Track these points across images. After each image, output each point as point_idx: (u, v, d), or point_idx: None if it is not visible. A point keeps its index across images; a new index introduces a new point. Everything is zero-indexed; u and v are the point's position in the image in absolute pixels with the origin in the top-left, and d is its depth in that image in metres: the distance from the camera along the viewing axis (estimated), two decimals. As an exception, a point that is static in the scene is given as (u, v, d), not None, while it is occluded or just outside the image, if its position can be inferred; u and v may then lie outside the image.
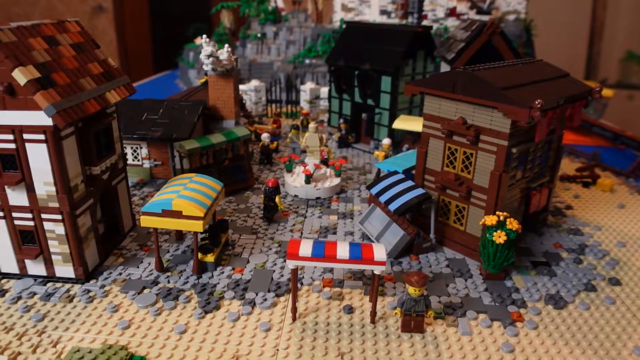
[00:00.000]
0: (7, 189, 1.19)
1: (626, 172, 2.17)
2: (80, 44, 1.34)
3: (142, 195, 1.87)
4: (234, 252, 1.46)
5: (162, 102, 2.09)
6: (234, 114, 2.17)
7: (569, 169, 2.23)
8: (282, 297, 1.24)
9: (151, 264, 1.37)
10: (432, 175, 1.49)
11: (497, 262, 1.28)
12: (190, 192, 1.31)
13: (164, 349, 1.05)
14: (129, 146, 1.98)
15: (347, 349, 1.06)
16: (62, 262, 1.26)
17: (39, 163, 1.16)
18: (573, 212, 1.77)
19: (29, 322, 1.13)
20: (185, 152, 1.78)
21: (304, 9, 4.19)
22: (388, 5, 3.99)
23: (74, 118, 1.14)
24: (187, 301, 1.21)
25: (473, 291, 1.27)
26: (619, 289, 1.30)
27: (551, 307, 1.21)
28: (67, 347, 1.05)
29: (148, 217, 1.28)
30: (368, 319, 1.15)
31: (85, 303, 1.20)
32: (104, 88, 1.31)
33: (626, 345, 1.09)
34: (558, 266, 1.40)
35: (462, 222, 1.44)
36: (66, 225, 1.22)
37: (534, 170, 1.46)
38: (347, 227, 1.63)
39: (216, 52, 2.03)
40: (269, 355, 1.04)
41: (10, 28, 1.13)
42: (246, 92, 3.00)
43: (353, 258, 1.07)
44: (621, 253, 1.49)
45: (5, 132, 1.14)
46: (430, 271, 1.37)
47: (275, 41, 3.91)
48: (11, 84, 1.09)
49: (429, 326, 1.13)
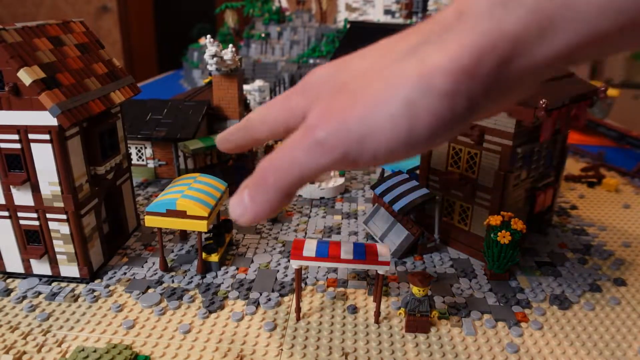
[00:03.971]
0: (13, 189, 1.20)
1: (631, 172, 2.16)
2: (85, 44, 1.34)
3: (146, 195, 1.87)
4: (238, 252, 1.46)
5: (166, 102, 2.09)
6: (238, 113, 2.18)
7: (574, 168, 2.22)
8: (286, 297, 1.24)
9: (155, 264, 1.38)
10: (436, 175, 1.49)
11: (502, 262, 1.27)
12: (195, 192, 1.31)
13: (168, 349, 1.05)
14: (134, 146, 1.98)
15: (351, 348, 1.06)
16: (67, 261, 1.27)
17: (44, 163, 1.17)
18: (578, 212, 1.76)
19: (34, 321, 1.13)
20: (189, 152, 1.78)
21: (308, 8, 4.19)
22: (392, 5, 3.98)
23: (78, 118, 1.14)
24: (191, 301, 1.22)
25: (477, 291, 1.27)
26: (624, 289, 1.30)
27: (556, 307, 1.21)
28: (71, 346, 1.06)
29: (152, 217, 1.28)
30: (372, 319, 1.15)
31: (90, 302, 1.21)
32: (108, 88, 1.31)
33: (632, 346, 1.08)
34: (563, 266, 1.39)
35: (467, 222, 1.44)
36: (71, 225, 1.22)
37: (539, 170, 1.46)
38: (351, 227, 1.63)
39: (220, 52, 2.03)
40: (273, 354, 1.04)
41: (16, 28, 1.13)
42: (250, 92, 3.01)
43: (357, 258, 1.07)
44: (626, 253, 1.48)
45: (11, 132, 1.15)
46: (435, 271, 1.36)
47: (279, 41, 3.91)
48: (16, 84, 1.09)
49: (433, 326, 1.13)
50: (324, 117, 0.44)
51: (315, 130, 0.44)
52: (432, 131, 0.40)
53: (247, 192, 0.48)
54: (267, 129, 0.55)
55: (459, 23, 0.40)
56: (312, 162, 0.44)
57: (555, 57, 0.38)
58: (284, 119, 0.53)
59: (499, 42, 0.37)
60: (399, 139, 0.41)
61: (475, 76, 0.38)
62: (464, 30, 0.39)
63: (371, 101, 0.41)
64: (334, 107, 0.44)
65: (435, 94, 0.39)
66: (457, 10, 0.40)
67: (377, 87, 0.42)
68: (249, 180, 0.49)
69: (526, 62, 0.38)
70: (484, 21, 0.38)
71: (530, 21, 0.37)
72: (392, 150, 0.42)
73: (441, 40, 0.40)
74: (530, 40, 0.37)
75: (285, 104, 0.53)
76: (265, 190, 0.47)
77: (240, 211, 0.48)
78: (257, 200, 0.48)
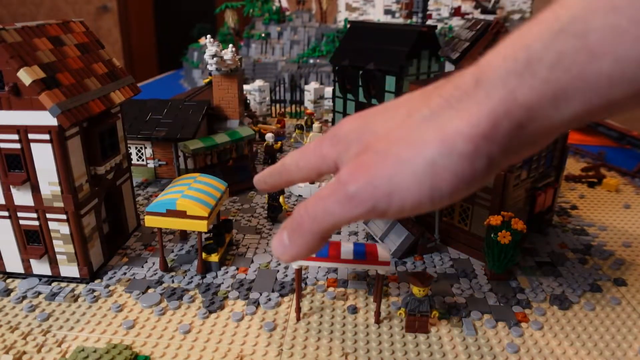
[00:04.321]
0: (13, 189, 1.20)
1: (632, 171, 2.16)
2: (85, 44, 1.34)
3: (146, 195, 1.87)
4: (238, 252, 1.46)
5: (166, 102, 2.09)
6: (238, 114, 2.18)
7: (574, 168, 2.22)
8: (286, 297, 1.24)
9: (155, 264, 1.38)
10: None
11: (502, 263, 1.27)
12: (195, 192, 1.31)
13: (168, 349, 1.05)
14: (134, 146, 1.98)
15: (352, 349, 1.06)
16: (66, 261, 1.26)
17: (44, 163, 1.17)
18: (578, 212, 1.76)
19: (34, 321, 1.13)
20: (189, 152, 1.78)
21: (308, 8, 4.19)
22: (392, 5, 3.98)
23: (78, 118, 1.14)
24: (191, 301, 1.22)
25: (477, 291, 1.27)
26: (624, 289, 1.30)
27: (556, 307, 1.21)
28: (71, 346, 1.06)
29: (152, 217, 1.28)
30: (372, 319, 1.15)
31: (90, 303, 1.21)
32: (108, 88, 1.31)
33: (632, 346, 1.08)
34: (563, 266, 1.39)
35: (467, 222, 1.44)
36: (71, 225, 1.22)
37: (539, 170, 1.46)
38: (351, 227, 1.63)
39: (220, 52, 2.03)
40: (273, 355, 1.04)
41: (16, 28, 1.13)
42: (250, 92, 3.01)
43: (357, 258, 1.07)
44: (626, 253, 1.48)
45: (11, 132, 1.15)
46: (435, 271, 1.36)
47: (280, 41, 3.91)
48: (16, 84, 1.09)
49: (434, 326, 1.13)
50: (355, 174, 0.49)
51: (347, 185, 0.48)
52: (453, 188, 0.44)
53: (286, 234, 0.55)
54: (301, 173, 0.63)
55: (476, 90, 0.43)
56: (344, 213, 0.49)
57: (568, 122, 0.41)
58: (316, 165, 0.59)
59: (513, 109, 0.41)
60: (423, 195, 0.45)
61: (493, 140, 0.42)
62: (480, 97, 0.42)
63: (397, 161, 0.46)
64: (362, 165, 0.49)
65: (456, 156, 0.43)
66: (474, 77, 0.44)
67: (402, 148, 0.46)
68: (287, 222, 0.56)
69: (539, 127, 0.41)
70: (499, 90, 0.41)
71: (543, 92, 0.39)
72: (417, 204, 0.46)
73: (460, 106, 0.44)
74: (543, 108, 0.40)
75: (317, 152, 0.59)
76: (302, 234, 0.54)
77: (282, 250, 0.56)
78: (295, 242, 0.55)
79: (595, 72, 0.37)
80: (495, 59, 0.43)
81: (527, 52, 0.40)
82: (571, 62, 0.37)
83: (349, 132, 0.55)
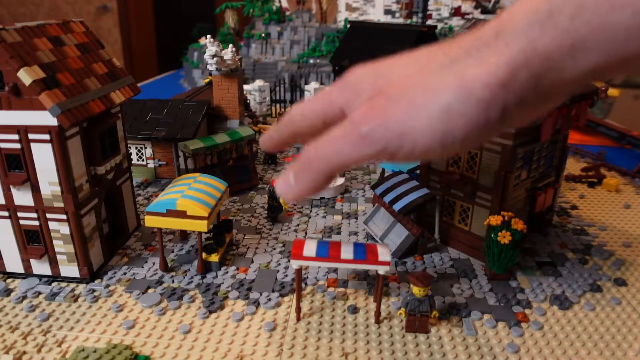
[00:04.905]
0: (13, 189, 1.20)
1: (632, 172, 2.16)
2: (85, 44, 1.34)
3: (146, 195, 1.87)
4: (238, 252, 1.46)
5: (166, 102, 2.09)
6: (238, 113, 2.18)
7: (574, 168, 2.22)
8: (286, 297, 1.24)
9: (156, 264, 1.38)
10: (436, 175, 1.49)
11: (502, 263, 1.27)
12: (195, 192, 1.31)
13: (169, 349, 1.05)
14: (134, 146, 1.98)
15: (352, 349, 1.06)
16: (67, 261, 1.26)
17: (44, 163, 1.17)
18: (578, 212, 1.76)
19: (34, 321, 1.13)
20: (189, 152, 1.78)
21: (308, 8, 4.19)
22: (392, 5, 3.98)
23: (78, 118, 1.14)
24: (191, 301, 1.22)
25: (478, 291, 1.27)
26: (624, 289, 1.30)
27: (556, 307, 1.21)
28: (72, 346, 1.06)
29: (152, 217, 1.28)
30: (372, 319, 1.15)
31: (90, 303, 1.21)
32: (108, 88, 1.31)
33: (632, 347, 1.08)
34: (563, 266, 1.39)
35: (467, 222, 1.44)
36: (71, 225, 1.22)
37: (539, 170, 1.46)
38: (352, 227, 1.63)
39: (220, 52, 2.03)
40: (274, 355, 1.04)
41: (16, 28, 1.13)
42: (250, 92, 3.00)
43: (357, 258, 1.07)
44: (626, 253, 1.48)
45: (11, 132, 1.15)
46: (435, 271, 1.36)
47: (280, 41, 3.91)
48: (16, 84, 1.09)
49: (434, 326, 1.13)
50: (368, 115, 0.49)
51: (360, 125, 0.49)
52: (466, 135, 0.45)
53: (292, 174, 0.55)
54: (307, 122, 0.61)
55: (497, 41, 0.44)
56: (355, 153, 0.50)
57: (584, 74, 0.42)
58: (322, 112, 0.58)
59: (532, 59, 0.42)
60: (434, 140, 0.46)
61: (510, 88, 0.43)
62: (500, 47, 0.43)
63: (411, 106, 0.46)
64: (376, 108, 0.49)
65: (472, 102, 0.43)
66: (495, 30, 0.45)
67: (417, 93, 0.47)
68: (293, 164, 0.55)
69: (557, 78, 0.42)
70: (520, 39, 0.42)
71: (563, 41, 0.40)
72: (428, 149, 0.47)
73: (480, 56, 0.45)
74: (561, 58, 0.41)
75: (324, 98, 0.58)
76: (310, 173, 0.54)
77: (286, 188, 0.55)
78: (301, 180, 0.54)
79: (614, 23, 0.38)
80: (516, 11, 0.44)
81: (549, 4, 0.41)
82: (591, 14, 0.38)
83: (360, 80, 0.55)
